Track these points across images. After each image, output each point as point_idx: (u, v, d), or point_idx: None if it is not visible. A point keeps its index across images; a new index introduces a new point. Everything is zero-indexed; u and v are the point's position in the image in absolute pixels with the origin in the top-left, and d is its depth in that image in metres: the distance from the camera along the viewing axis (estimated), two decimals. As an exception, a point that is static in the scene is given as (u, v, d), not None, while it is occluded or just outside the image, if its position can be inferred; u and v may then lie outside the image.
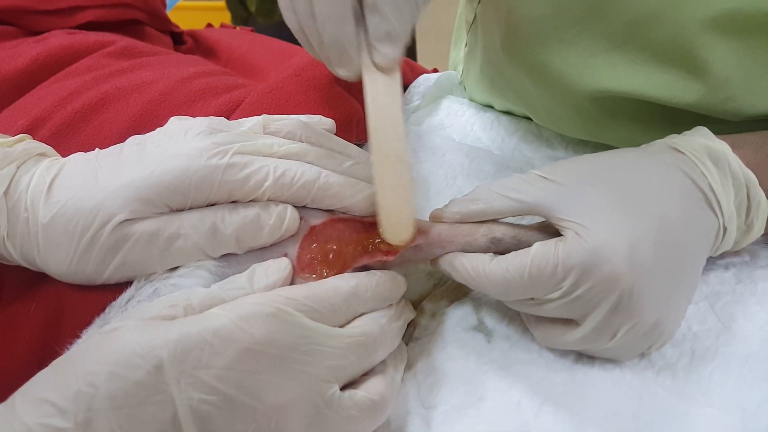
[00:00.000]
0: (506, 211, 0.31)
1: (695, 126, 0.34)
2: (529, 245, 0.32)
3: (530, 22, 0.39)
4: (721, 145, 0.31)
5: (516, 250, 0.32)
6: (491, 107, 0.52)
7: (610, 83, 0.37)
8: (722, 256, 0.36)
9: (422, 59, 1.17)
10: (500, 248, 0.33)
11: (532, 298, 0.30)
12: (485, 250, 0.33)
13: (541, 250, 0.29)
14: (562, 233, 0.29)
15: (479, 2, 0.48)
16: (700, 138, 0.32)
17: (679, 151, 0.31)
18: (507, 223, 0.33)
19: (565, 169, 0.31)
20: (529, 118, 0.49)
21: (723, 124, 0.36)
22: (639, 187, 0.30)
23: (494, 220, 0.33)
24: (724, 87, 0.34)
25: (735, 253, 0.36)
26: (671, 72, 0.35)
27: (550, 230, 0.32)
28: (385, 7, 0.28)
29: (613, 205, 0.29)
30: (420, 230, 0.32)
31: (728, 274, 0.35)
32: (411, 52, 1.17)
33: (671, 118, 0.37)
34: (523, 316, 0.33)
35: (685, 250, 0.29)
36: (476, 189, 0.33)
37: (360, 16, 0.29)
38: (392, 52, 0.29)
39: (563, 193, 0.30)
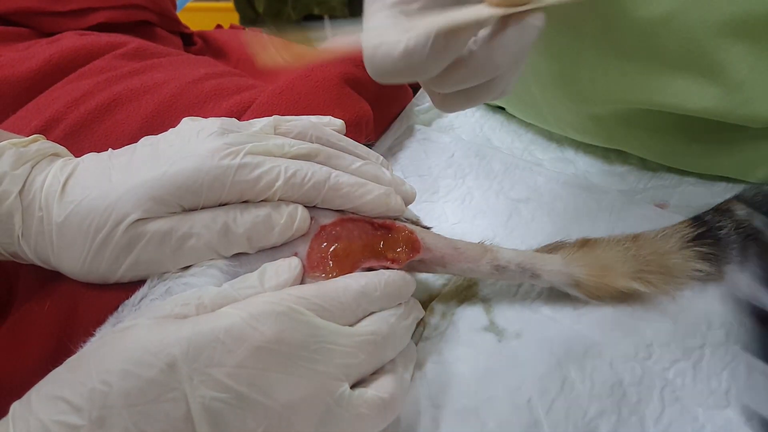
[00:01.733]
0: None
1: (712, 134, 0.32)
2: (534, 273, 0.32)
3: (542, 34, 0.39)
4: None
5: (519, 277, 0.33)
6: (500, 108, 0.52)
7: (624, 93, 0.36)
8: (736, 255, 0.35)
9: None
10: (504, 276, 0.33)
11: None
12: (488, 277, 0.33)
13: None
14: None
15: None
16: None
17: None
18: (512, 250, 0.33)
19: None
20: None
21: (741, 132, 0.36)
22: None
23: (498, 246, 0.33)
24: (740, 90, 0.33)
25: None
26: (685, 77, 0.34)
27: (554, 253, 0.33)
28: None
29: None
30: (425, 245, 0.32)
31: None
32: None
33: (687, 126, 0.37)
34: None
35: None
36: None
37: None
38: None
39: None
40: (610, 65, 0.36)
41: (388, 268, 0.31)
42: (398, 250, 0.32)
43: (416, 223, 0.35)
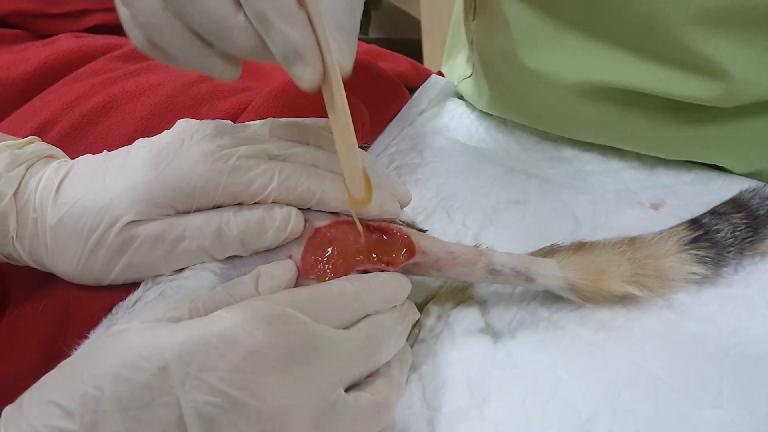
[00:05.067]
0: None
1: (695, 113, 0.33)
2: (529, 277, 0.32)
3: (529, 29, 0.40)
4: None
5: (514, 281, 0.33)
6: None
7: (611, 77, 0.37)
8: (732, 258, 0.35)
9: (428, 58, 1.17)
10: (499, 280, 0.33)
11: None
12: (482, 280, 0.33)
13: None
14: None
15: (473, 19, 0.49)
16: None
17: None
18: (506, 254, 0.33)
19: None
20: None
21: (719, 110, 0.37)
22: None
23: (493, 250, 0.33)
24: (726, 80, 0.34)
25: (746, 255, 0.36)
26: (673, 69, 0.35)
27: (549, 257, 0.33)
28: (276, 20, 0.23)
29: None
30: (420, 249, 0.32)
31: (738, 276, 0.35)
32: (417, 51, 1.17)
33: (677, 109, 0.38)
34: None
35: None
36: None
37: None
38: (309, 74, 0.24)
39: None
40: (601, 52, 0.37)
41: (383, 271, 0.31)
42: (393, 253, 0.32)
43: (412, 225, 0.35)
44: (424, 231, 0.35)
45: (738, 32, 0.32)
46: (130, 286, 0.30)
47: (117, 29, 0.52)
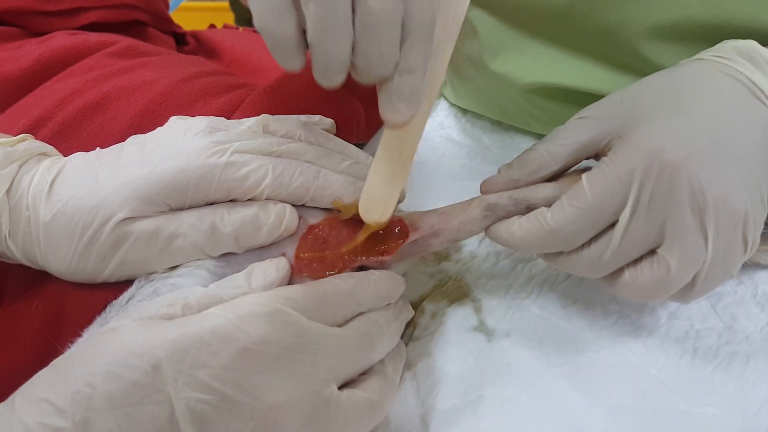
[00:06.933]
0: (573, 143, 0.30)
1: None
2: (528, 201, 0.31)
3: (496, 37, 0.43)
4: (747, 42, 0.31)
5: (515, 210, 0.31)
6: None
7: (574, 82, 0.40)
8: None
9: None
10: (499, 213, 0.31)
11: (606, 232, 0.28)
12: (482, 221, 0.32)
13: (593, 172, 0.28)
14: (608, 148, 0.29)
15: None
16: (725, 43, 0.32)
17: (705, 59, 0.31)
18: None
19: (602, 105, 0.31)
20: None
21: None
22: (678, 88, 0.29)
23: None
24: None
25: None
26: (634, 77, 0.38)
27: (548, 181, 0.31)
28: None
29: (652, 108, 0.29)
30: (413, 226, 0.32)
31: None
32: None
33: None
34: (604, 283, 0.30)
35: (741, 137, 0.28)
36: (526, 151, 0.31)
37: None
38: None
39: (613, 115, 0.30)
40: (568, 59, 0.40)
41: (381, 262, 0.31)
42: (387, 241, 0.31)
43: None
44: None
45: (688, 45, 0.36)
46: (124, 284, 0.30)
47: (113, 27, 0.52)
